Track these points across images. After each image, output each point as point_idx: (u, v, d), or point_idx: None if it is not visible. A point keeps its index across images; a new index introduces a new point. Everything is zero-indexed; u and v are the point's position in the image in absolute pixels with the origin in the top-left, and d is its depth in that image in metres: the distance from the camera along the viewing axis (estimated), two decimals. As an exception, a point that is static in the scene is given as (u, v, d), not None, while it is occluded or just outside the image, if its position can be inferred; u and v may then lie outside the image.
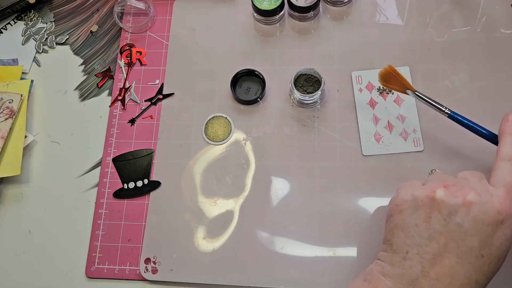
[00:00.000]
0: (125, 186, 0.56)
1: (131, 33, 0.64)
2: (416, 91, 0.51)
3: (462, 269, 0.38)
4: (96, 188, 0.57)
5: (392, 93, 0.57)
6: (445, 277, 0.38)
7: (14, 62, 0.64)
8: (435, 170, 0.46)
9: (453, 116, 0.49)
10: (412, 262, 0.39)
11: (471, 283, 0.38)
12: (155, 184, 0.56)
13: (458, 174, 0.43)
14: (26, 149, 0.59)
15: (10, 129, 0.58)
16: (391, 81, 0.52)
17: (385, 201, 0.52)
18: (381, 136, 0.55)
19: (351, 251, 0.51)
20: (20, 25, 0.66)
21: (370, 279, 0.41)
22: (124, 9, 0.64)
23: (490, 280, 0.40)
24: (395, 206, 0.43)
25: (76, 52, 0.64)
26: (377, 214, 0.52)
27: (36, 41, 0.65)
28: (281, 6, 0.59)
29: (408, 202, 0.41)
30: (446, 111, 0.49)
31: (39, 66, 0.64)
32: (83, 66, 0.63)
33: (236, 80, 0.58)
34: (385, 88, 0.57)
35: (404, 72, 0.57)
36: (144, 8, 0.63)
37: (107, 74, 0.62)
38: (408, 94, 0.52)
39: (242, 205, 0.54)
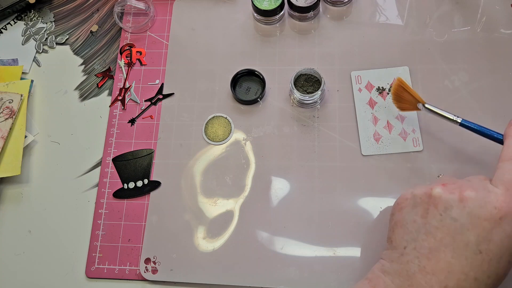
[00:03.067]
0: (125, 186, 0.56)
1: (131, 33, 0.64)
2: (426, 103, 0.51)
3: (459, 264, 0.38)
4: (96, 188, 0.57)
5: (392, 93, 0.57)
6: (441, 271, 0.38)
7: (14, 62, 0.64)
8: (442, 175, 0.47)
9: (464, 124, 0.48)
10: (409, 257, 0.40)
11: (468, 279, 0.38)
12: (155, 184, 0.56)
13: (464, 178, 0.43)
14: (26, 149, 0.59)
15: (10, 129, 0.58)
16: (403, 96, 0.52)
17: (385, 201, 0.52)
18: (380, 136, 0.55)
19: (351, 251, 0.51)
20: (20, 25, 0.66)
21: (370, 277, 0.42)
22: (124, 9, 0.64)
23: (497, 282, 0.39)
24: (396, 204, 0.44)
25: (76, 52, 0.64)
26: (377, 214, 0.52)
27: (36, 41, 0.65)
28: (281, 6, 0.59)
29: (408, 200, 0.43)
30: (457, 120, 0.49)
31: (39, 66, 0.64)
32: (83, 66, 0.63)
33: (236, 80, 0.58)
34: (384, 88, 0.57)
35: (404, 72, 0.57)
36: (144, 8, 0.63)
37: (107, 74, 0.62)
38: (419, 109, 0.51)
39: (242, 205, 0.54)
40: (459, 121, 0.49)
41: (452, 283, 0.38)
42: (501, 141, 0.47)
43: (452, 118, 0.49)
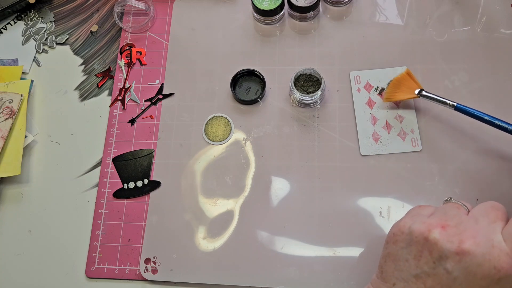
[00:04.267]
0: (125, 186, 0.56)
1: (131, 33, 0.64)
2: (423, 90, 0.53)
3: None
4: (96, 188, 0.57)
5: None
6: None
7: (14, 62, 0.64)
8: (451, 199, 0.42)
9: (459, 108, 0.51)
10: None
11: None
12: (155, 184, 0.56)
13: (473, 209, 0.40)
14: (26, 149, 0.59)
15: (10, 129, 0.58)
16: (405, 84, 0.54)
17: (385, 201, 0.52)
18: (379, 136, 0.55)
19: (351, 251, 0.51)
20: (20, 25, 0.66)
21: None
22: (124, 9, 0.64)
23: None
24: (392, 234, 0.41)
25: (76, 52, 0.64)
26: (378, 214, 0.52)
27: (36, 41, 0.65)
28: (281, 6, 0.59)
29: (404, 235, 0.40)
30: (451, 104, 0.51)
31: (39, 66, 0.64)
32: (83, 66, 0.63)
33: (236, 80, 0.58)
34: (383, 88, 0.57)
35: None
36: (144, 8, 0.63)
37: (107, 74, 0.62)
38: (417, 96, 0.53)
39: (242, 205, 0.54)
40: (455, 104, 0.51)
41: None
42: (495, 125, 0.49)
43: (447, 102, 0.51)
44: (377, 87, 0.57)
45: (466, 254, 0.36)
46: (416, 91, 0.53)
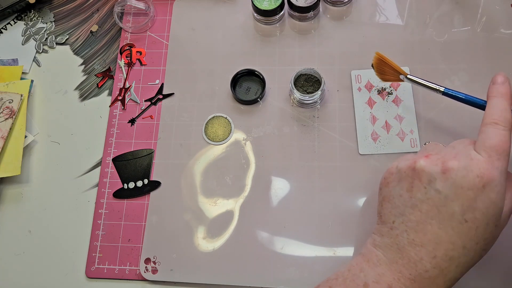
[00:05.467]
0: (125, 186, 0.56)
1: (131, 33, 0.64)
2: (408, 74, 0.51)
3: (446, 234, 0.39)
4: (96, 188, 0.57)
5: (391, 93, 0.57)
6: (429, 243, 0.39)
7: (14, 62, 0.64)
8: (428, 142, 0.47)
9: (447, 93, 0.49)
10: (398, 231, 0.41)
11: (456, 248, 0.38)
12: (155, 184, 0.56)
13: (449, 144, 0.43)
14: (26, 149, 0.59)
15: (10, 129, 0.58)
16: (385, 69, 0.53)
17: (385, 201, 0.52)
18: (378, 135, 0.55)
19: (351, 251, 0.51)
20: (20, 25, 0.66)
21: (364, 252, 0.43)
22: (124, 9, 0.64)
23: (486, 246, 0.39)
24: (383, 179, 0.45)
25: (76, 52, 0.64)
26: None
27: (36, 41, 0.65)
28: (281, 6, 0.59)
29: (394, 175, 0.43)
30: (440, 89, 0.49)
31: (39, 66, 0.64)
32: (83, 66, 0.63)
33: (236, 80, 0.58)
34: (384, 88, 0.57)
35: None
36: (144, 8, 0.63)
37: (107, 74, 0.62)
38: (403, 80, 0.52)
39: (242, 205, 0.54)
40: (442, 89, 0.49)
41: (441, 253, 0.38)
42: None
43: (435, 87, 0.50)
44: (378, 86, 0.57)
45: (451, 170, 0.39)
46: (401, 77, 0.52)
